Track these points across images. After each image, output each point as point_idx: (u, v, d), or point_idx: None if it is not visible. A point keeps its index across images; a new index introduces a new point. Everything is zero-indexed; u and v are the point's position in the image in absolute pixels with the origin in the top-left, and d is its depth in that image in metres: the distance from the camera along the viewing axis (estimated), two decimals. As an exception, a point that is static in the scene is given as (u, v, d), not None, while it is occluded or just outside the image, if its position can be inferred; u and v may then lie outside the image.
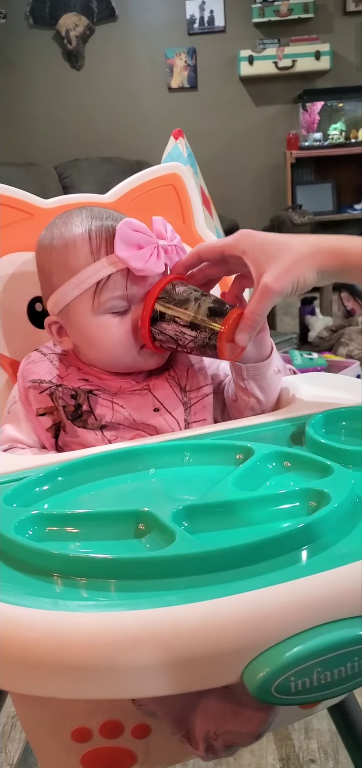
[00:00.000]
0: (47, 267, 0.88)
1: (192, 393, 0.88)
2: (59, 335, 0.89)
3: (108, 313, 0.84)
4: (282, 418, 0.80)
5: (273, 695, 0.46)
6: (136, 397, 0.86)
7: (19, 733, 1.35)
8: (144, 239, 0.82)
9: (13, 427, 0.87)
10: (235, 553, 0.52)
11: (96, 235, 0.84)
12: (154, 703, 0.63)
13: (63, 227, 0.87)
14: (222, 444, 0.73)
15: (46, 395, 0.85)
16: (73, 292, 0.84)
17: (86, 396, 0.84)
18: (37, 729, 0.72)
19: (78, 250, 0.84)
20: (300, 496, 0.60)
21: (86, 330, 0.85)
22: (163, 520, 0.56)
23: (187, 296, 0.81)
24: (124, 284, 0.83)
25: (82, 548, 0.56)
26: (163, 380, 0.88)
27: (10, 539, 0.55)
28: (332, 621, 0.47)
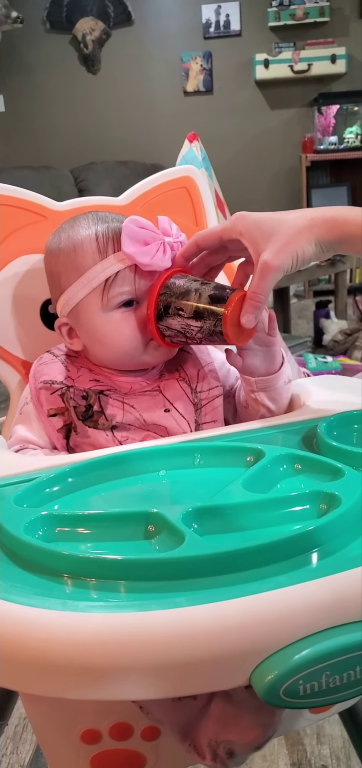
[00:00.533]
0: (55, 269, 0.89)
1: (202, 394, 0.89)
2: (69, 337, 0.89)
3: (116, 309, 0.85)
4: (294, 421, 0.80)
5: (281, 698, 0.46)
6: (147, 397, 0.86)
7: (31, 735, 1.35)
8: (150, 235, 0.83)
9: (24, 428, 0.87)
10: (245, 555, 0.52)
11: (103, 234, 0.85)
12: (160, 711, 0.63)
13: (70, 230, 0.88)
14: (232, 446, 0.73)
15: (57, 396, 0.86)
16: (81, 292, 0.85)
17: (97, 396, 0.85)
18: (46, 730, 0.72)
19: (85, 250, 0.85)
20: (311, 498, 0.60)
21: (95, 328, 0.85)
22: (173, 521, 0.56)
23: (188, 287, 0.80)
24: (132, 280, 0.84)
25: (91, 549, 0.56)
26: (174, 381, 0.88)
27: (20, 539, 0.56)
28: (341, 624, 0.47)
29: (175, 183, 1.08)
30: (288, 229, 0.75)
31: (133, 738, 0.69)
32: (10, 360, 0.97)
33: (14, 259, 0.98)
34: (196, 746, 0.63)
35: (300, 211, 0.77)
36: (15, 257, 0.98)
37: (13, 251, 0.98)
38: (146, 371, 0.89)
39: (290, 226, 0.75)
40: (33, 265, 0.98)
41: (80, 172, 4.85)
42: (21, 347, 0.98)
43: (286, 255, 0.74)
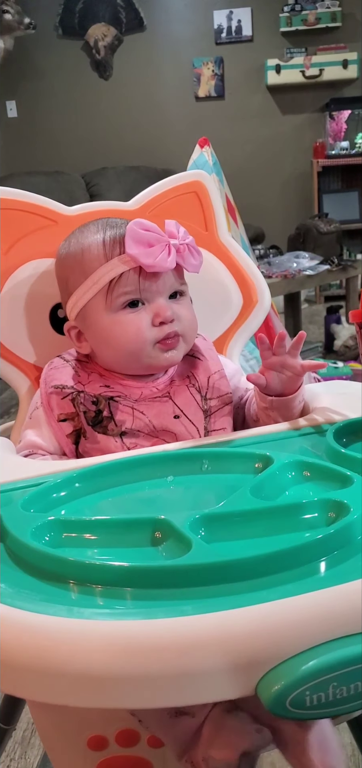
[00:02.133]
0: (64, 273, 0.90)
1: (212, 401, 0.88)
2: (78, 340, 0.90)
3: (121, 310, 0.85)
4: (303, 427, 0.80)
5: (288, 709, 0.45)
6: (157, 403, 0.86)
7: (39, 740, 1.35)
8: (154, 237, 0.84)
9: (34, 433, 0.87)
10: (252, 563, 0.51)
11: (110, 239, 0.86)
12: (158, 726, 0.63)
13: (79, 235, 0.89)
14: (240, 452, 0.73)
15: (68, 401, 0.86)
16: (88, 294, 0.86)
17: (107, 402, 0.85)
18: (53, 736, 0.72)
19: (92, 253, 0.86)
20: (320, 506, 0.59)
21: (102, 329, 0.86)
22: (180, 528, 0.55)
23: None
24: (136, 281, 0.84)
25: (98, 555, 0.56)
26: (184, 387, 0.88)
27: (26, 545, 0.55)
28: (349, 635, 0.46)
29: (185, 188, 1.08)
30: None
31: (140, 745, 0.69)
32: (19, 364, 0.97)
33: (25, 264, 0.98)
34: (193, 762, 0.62)
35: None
36: (25, 261, 0.98)
37: (23, 256, 0.98)
38: (156, 377, 0.89)
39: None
40: (43, 269, 0.98)
41: (92, 177, 4.87)
42: (31, 351, 0.98)
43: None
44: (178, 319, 0.86)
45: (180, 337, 0.87)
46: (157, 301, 0.85)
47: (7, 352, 0.97)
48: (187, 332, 0.88)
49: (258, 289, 1.07)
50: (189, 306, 0.90)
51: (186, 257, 0.86)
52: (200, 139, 1.98)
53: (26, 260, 0.98)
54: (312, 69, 4.94)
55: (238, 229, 2.30)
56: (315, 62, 4.93)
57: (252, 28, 5.07)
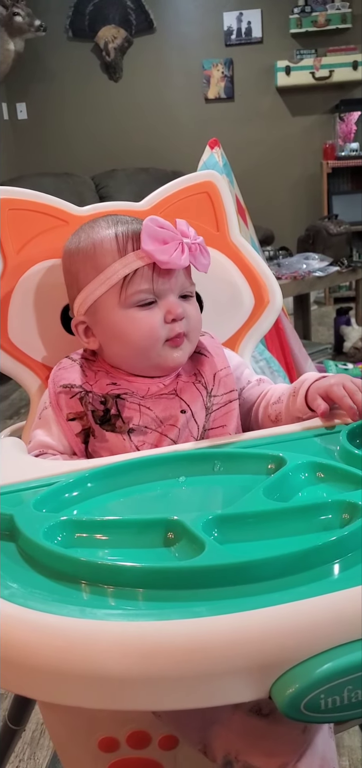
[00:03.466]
0: (74, 268, 0.90)
1: (216, 399, 0.89)
2: (86, 335, 0.90)
3: (134, 306, 0.85)
4: (316, 428, 0.79)
5: (302, 712, 0.45)
6: (164, 399, 0.86)
7: (48, 740, 1.35)
8: (169, 235, 0.84)
9: (43, 432, 0.87)
10: (266, 565, 0.51)
11: (122, 234, 0.86)
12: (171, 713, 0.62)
13: (90, 231, 0.90)
14: (253, 453, 0.72)
15: (76, 400, 0.86)
16: (100, 289, 0.86)
17: (114, 400, 0.85)
18: (63, 737, 0.72)
19: (105, 248, 0.86)
20: (333, 508, 0.59)
21: (113, 324, 0.86)
22: (193, 529, 0.55)
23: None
24: (150, 278, 0.85)
25: (110, 556, 0.56)
26: (191, 384, 0.89)
27: (39, 545, 0.55)
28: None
29: (196, 188, 1.08)
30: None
31: (151, 746, 0.68)
32: (30, 364, 0.97)
33: (36, 264, 0.98)
34: (208, 752, 0.62)
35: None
36: (37, 262, 0.98)
37: (35, 255, 0.98)
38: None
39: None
40: (54, 269, 0.98)
41: (101, 178, 4.87)
42: (42, 351, 0.98)
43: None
44: (187, 317, 0.87)
45: (185, 336, 0.87)
46: (168, 298, 0.86)
47: (18, 352, 0.97)
48: (193, 332, 0.89)
49: (269, 289, 1.07)
50: (197, 306, 0.91)
51: (197, 256, 0.87)
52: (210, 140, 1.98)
53: (38, 260, 0.98)
54: (322, 70, 4.92)
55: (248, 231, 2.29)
56: (324, 64, 4.92)
57: (262, 30, 5.05)
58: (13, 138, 5.28)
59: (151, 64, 5.13)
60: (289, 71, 4.95)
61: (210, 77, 5.16)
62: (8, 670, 0.48)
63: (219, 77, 5.15)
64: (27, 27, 4.51)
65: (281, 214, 5.09)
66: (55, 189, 3.13)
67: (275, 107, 5.14)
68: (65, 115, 5.22)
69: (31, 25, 4.52)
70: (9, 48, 4.52)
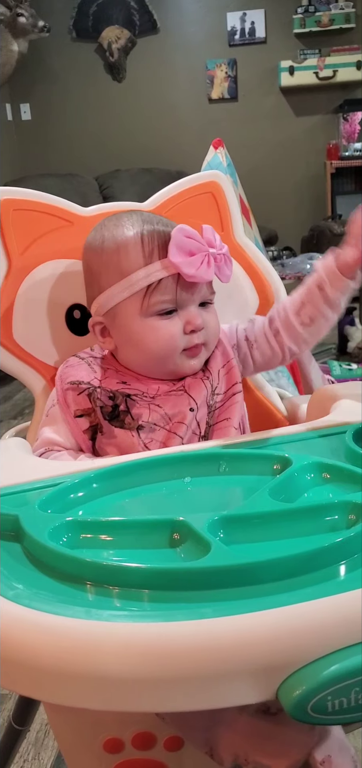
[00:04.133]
0: (96, 268, 0.88)
1: (219, 396, 0.89)
2: (102, 336, 0.89)
3: (155, 315, 0.84)
4: (321, 428, 0.79)
5: (309, 714, 0.44)
6: (173, 396, 0.86)
7: (52, 741, 1.35)
8: (196, 246, 0.83)
9: (50, 430, 0.87)
10: (272, 566, 0.51)
11: (148, 239, 0.84)
12: (176, 715, 0.62)
13: (114, 229, 0.87)
14: (258, 454, 0.72)
15: (84, 396, 0.86)
16: (122, 294, 0.85)
17: (124, 398, 0.85)
18: (68, 738, 0.72)
19: (130, 253, 0.85)
20: (339, 508, 0.58)
21: (132, 331, 0.85)
22: (199, 530, 0.55)
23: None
24: (174, 289, 0.84)
25: (115, 557, 0.56)
26: (199, 380, 0.88)
27: (44, 545, 0.55)
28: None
29: (201, 188, 1.08)
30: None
31: (156, 748, 0.68)
32: (35, 364, 0.97)
33: (40, 264, 0.98)
34: (214, 755, 0.62)
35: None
36: (41, 262, 0.98)
37: (39, 256, 0.98)
38: None
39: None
40: (59, 270, 0.98)
41: (105, 179, 4.88)
42: (46, 352, 0.98)
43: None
44: (206, 327, 0.86)
45: (203, 346, 0.87)
46: (189, 308, 0.85)
47: (23, 352, 0.97)
48: (210, 340, 0.88)
49: (273, 289, 1.07)
50: (215, 314, 0.90)
51: (221, 267, 0.86)
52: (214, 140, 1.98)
53: (42, 261, 0.98)
54: (325, 70, 4.93)
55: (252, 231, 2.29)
56: (328, 63, 4.92)
57: (266, 30, 5.06)
58: (17, 139, 5.29)
59: (155, 65, 5.14)
60: (293, 71, 4.96)
61: (214, 77, 5.17)
62: (13, 671, 0.48)
63: (222, 77, 5.15)
64: (31, 28, 4.52)
65: (285, 215, 5.09)
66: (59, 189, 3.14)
67: (279, 107, 5.14)
68: (69, 116, 5.23)
69: (35, 25, 4.53)
70: (13, 49, 4.53)
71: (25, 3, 4.51)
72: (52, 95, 5.22)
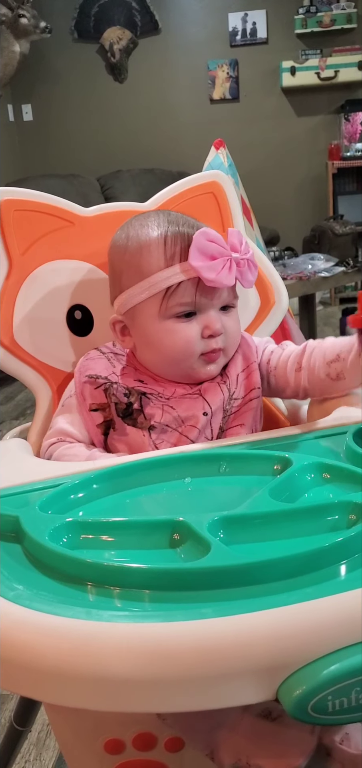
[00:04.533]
0: (118, 267, 0.88)
1: (236, 402, 0.88)
2: (122, 334, 0.89)
3: (173, 318, 0.84)
4: (322, 428, 0.79)
5: (310, 714, 0.44)
6: (188, 399, 0.86)
7: (54, 741, 1.35)
8: (218, 250, 0.82)
9: (64, 420, 0.88)
10: (272, 566, 0.51)
11: (171, 241, 0.84)
12: (177, 718, 0.61)
13: (139, 229, 0.87)
14: (259, 454, 0.72)
15: (100, 391, 0.86)
16: (142, 295, 0.84)
17: (139, 396, 0.85)
18: (69, 739, 0.72)
19: (151, 254, 0.84)
20: (340, 508, 0.58)
21: (150, 332, 0.85)
22: (199, 530, 0.55)
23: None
24: (194, 292, 0.83)
25: (116, 557, 0.56)
26: (215, 385, 0.88)
27: (44, 546, 0.55)
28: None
29: (202, 188, 1.08)
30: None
31: (157, 749, 0.68)
32: (35, 365, 0.97)
33: (41, 265, 0.98)
34: (215, 757, 0.61)
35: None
36: (42, 263, 0.98)
37: (40, 257, 0.98)
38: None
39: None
40: (60, 270, 0.98)
41: (107, 179, 4.88)
42: (47, 353, 0.98)
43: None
44: (225, 332, 0.86)
45: (222, 351, 0.86)
46: (208, 312, 0.84)
47: (24, 353, 0.96)
48: (230, 346, 0.87)
49: (275, 290, 1.07)
50: (237, 319, 0.89)
51: (244, 273, 0.85)
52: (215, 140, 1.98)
53: (43, 261, 0.98)
54: (327, 71, 4.92)
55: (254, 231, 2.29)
56: (330, 64, 4.92)
57: (267, 30, 5.06)
58: (19, 139, 5.30)
59: (156, 65, 5.14)
60: (294, 72, 4.95)
61: (216, 78, 5.16)
62: (14, 672, 0.48)
63: (224, 78, 5.15)
64: (32, 29, 4.52)
65: (286, 215, 5.09)
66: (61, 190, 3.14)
67: (280, 108, 5.14)
68: (70, 117, 5.24)
69: (37, 26, 4.53)
70: (14, 50, 4.53)
71: (26, 4, 4.51)
72: (54, 96, 5.22)
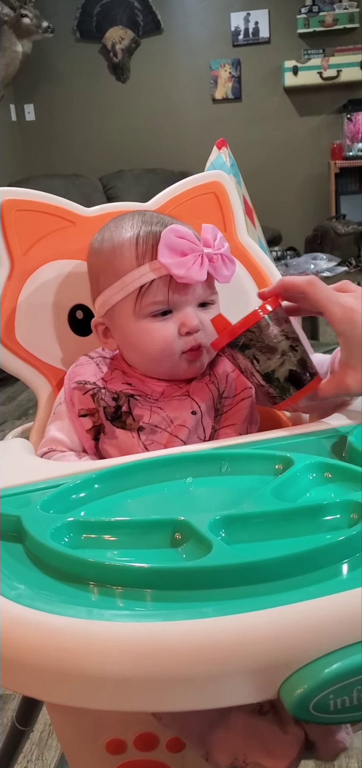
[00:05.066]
0: (95, 269, 0.89)
1: (228, 400, 0.88)
2: (105, 336, 0.90)
3: (149, 317, 0.84)
4: (324, 428, 0.79)
5: (311, 713, 0.44)
6: (176, 400, 0.86)
7: (56, 741, 1.35)
8: (188, 246, 0.81)
9: (55, 428, 0.88)
10: (273, 565, 0.51)
11: (143, 240, 0.84)
12: (172, 717, 0.61)
13: (114, 230, 0.87)
14: (260, 454, 0.72)
15: (88, 396, 0.86)
16: (117, 295, 0.85)
17: (127, 399, 0.85)
18: (71, 739, 0.72)
19: (124, 254, 0.84)
20: (341, 508, 0.58)
21: (128, 333, 0.85)
22: (200, 529, 0.55)
23: (275, 345, 0.75)
24: (166, 290, 0.83)
25: (118, 557, 0.56)
26: (204, 385, 0.88)
27: (46, 546, 0.55)
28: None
29: (203, 188, 1.08)
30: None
31: (159, 749, 0.68)
32: (38, 365, 0.97)
33: (43, 265, 0.98)
34: (210, 758, 0.61)
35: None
36: (44, 263, 0.98)
37: (42, 257, 0.98)
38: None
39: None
40: (62, 270, 0.98)
41: (109, 179, 4.88)
42: (49, 352, 0.98)
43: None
44: (204, 328, 0.85)
45: (203, 348, 0.86)
46: (184, 309, 0.84)
47: (25, 353, 0.97)
48: (210, 342, 0.86)
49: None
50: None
51: (218, 268, 0.84)
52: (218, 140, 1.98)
53: (45, 261, 0.98)
54: (329, 70, 4.92)
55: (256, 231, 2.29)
56: (332, 63, 4.92)
57: (270, 30, 5.06)
58: (21, 139, 5.30)
59: (159, 65, 5.14)
60: (297, 71, 4.95)
61: (218, 78, 5.16)
62: (15, 671, 0.48)
63: (226, 77, 5.15)
64: (35, 28, 4.53)
65: (289, 215, 5.08)
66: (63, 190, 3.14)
67: (282, 107, 5.14)
68: (73, 116, 5.24)
69: (39, 26, 4.53)
70: (17, 49, 4.54)
71: (29, 4, 4.51)
72: (56, 96, 5.23)
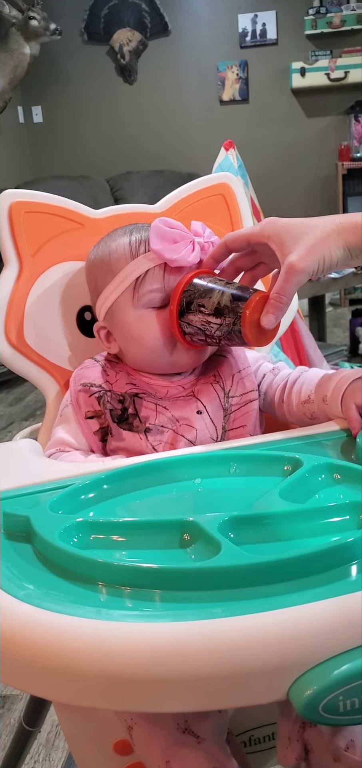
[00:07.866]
0: (93, 275, 0.92)
1: (234, 399, 0.88)
2: (107, 340, 0.91)
3: (147, 307, 0.86)
4: (333, 430, 0.79)
5: (320, 714, 0.44)
6: (181, 401, 0.87)
7: (63, 742, 1.35)
8: (178, 234, 0.85)
9: (63, 430, 0.89)
10: (282, 566, 0.51)
11: (136, 238, 0.88)
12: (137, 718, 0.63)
13: (107, 239, 0.91)
14: (269, 455, 0.72)
15: (94, 399, 0.87)
16: (115, 293, 0.87)
17: (132, 399, 0.86)
18: (79, 739, 0.72)
19: (119, 253, 0.88)
20: (350, 509, 0.58)
21: (128, 326, 0.87)
22: (209, 530, 0.55)
23: (211, 287, 0.82)
24: (162, 278, 0.85)
25: (126, 557, 0.56)
26: (208, 385, 0.89)
27: (55, 546, 0.55)
28: (383, 640, 0.46)
29: (211, 190, 1.08)
30: (316, 233, 0.75)
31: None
32: (46, 366, 0.98)
33: (51, 266, 0.98)
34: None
35: (330, 216, 0.77)
36: (53, 264, 0.98)
37: (50, 258, 0.98)
38: (182, 375, 0.89)
39: (318, 231, 0.75)
40: (70, 272, 0.98)
41: (116, 181, 4.89)
42: (57, 354, 0.98)
43: (313, 258, 0.74)
44: None
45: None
46: None
47: (34, 354, 0.97)
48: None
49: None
50: None
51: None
52: (225, 142, 1.98)
53: (53, 263, 0.99)
54: (337, 71, 4.90)
55: (263, 232, 2.28)
56: (340, 65, 4.90)
57: (277, 32, 5.05)
58: (29, 141, 5.32)
59: (166, 67, 5.14)
60: (304, 73, 4.94)
61: (225, 79, 5.16)
62: (24, 671, 0.48)
63: (234, 79, 5.15)
64: (42, 31, 4.53)
65: (296, 216, 5.05)
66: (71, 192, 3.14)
67: (290, 109, 5.13)
68: (80, 118, 5.25)
69: (47, 28, 4.54)
70: (25, 52, 4.54)
71: (37, 6, 4.52)
72: (64, 98, 5.23)
